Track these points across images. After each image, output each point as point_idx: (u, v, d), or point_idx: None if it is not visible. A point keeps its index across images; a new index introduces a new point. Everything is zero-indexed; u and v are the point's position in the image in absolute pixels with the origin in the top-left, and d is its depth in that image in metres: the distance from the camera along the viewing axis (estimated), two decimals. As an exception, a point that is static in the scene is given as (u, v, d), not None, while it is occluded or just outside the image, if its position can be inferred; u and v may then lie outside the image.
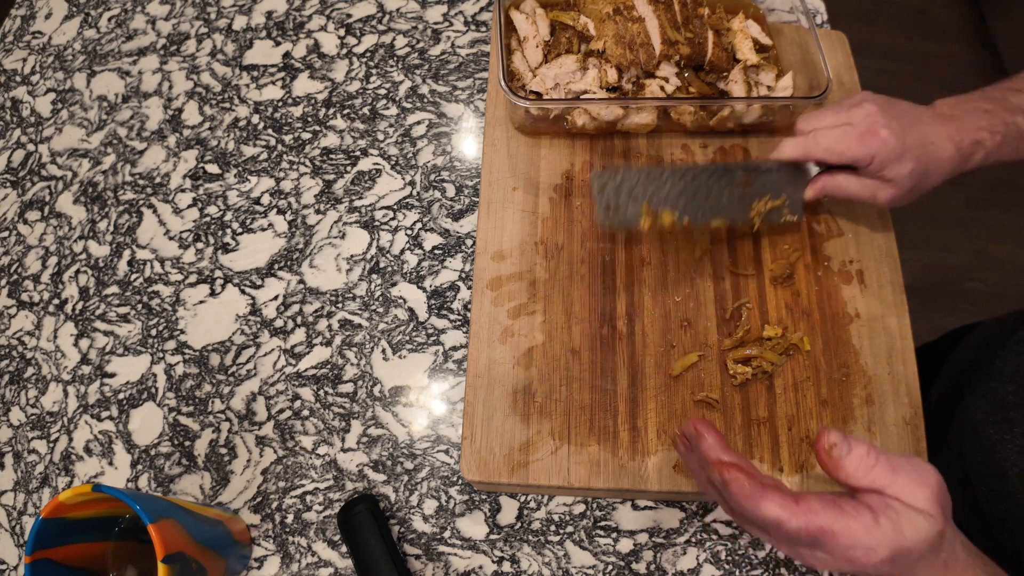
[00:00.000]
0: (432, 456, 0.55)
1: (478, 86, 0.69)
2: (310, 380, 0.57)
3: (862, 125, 0.50)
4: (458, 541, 0.52)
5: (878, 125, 0.49)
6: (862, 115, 0.50)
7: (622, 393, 0.53)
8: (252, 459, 0.55)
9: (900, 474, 0.34)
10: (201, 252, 0.62)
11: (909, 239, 0.59)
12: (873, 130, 0.49)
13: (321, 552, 0.52)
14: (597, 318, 0.55)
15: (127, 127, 0.68)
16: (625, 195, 0.52)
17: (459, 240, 0.62)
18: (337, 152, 0.66)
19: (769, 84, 0.62)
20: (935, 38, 1.93)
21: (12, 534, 0.53)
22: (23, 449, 0.56)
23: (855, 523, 0.33)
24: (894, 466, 0.34)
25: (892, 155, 0.49)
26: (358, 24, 0.73)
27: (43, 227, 0.64)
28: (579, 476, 0.50)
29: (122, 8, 0.75)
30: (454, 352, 0.58)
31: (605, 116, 0.59)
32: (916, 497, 0.33)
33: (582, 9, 0.60)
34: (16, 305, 0.61)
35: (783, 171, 0.55)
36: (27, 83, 0.72)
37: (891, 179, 0.50)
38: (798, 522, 0.32)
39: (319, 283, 0.61)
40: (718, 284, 0.56)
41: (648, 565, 0.51)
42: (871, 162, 0.50)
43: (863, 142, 0.49)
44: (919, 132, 0.50)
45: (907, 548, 0.33)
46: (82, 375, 0.58)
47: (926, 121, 0.51)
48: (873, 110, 0.50)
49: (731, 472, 0.34)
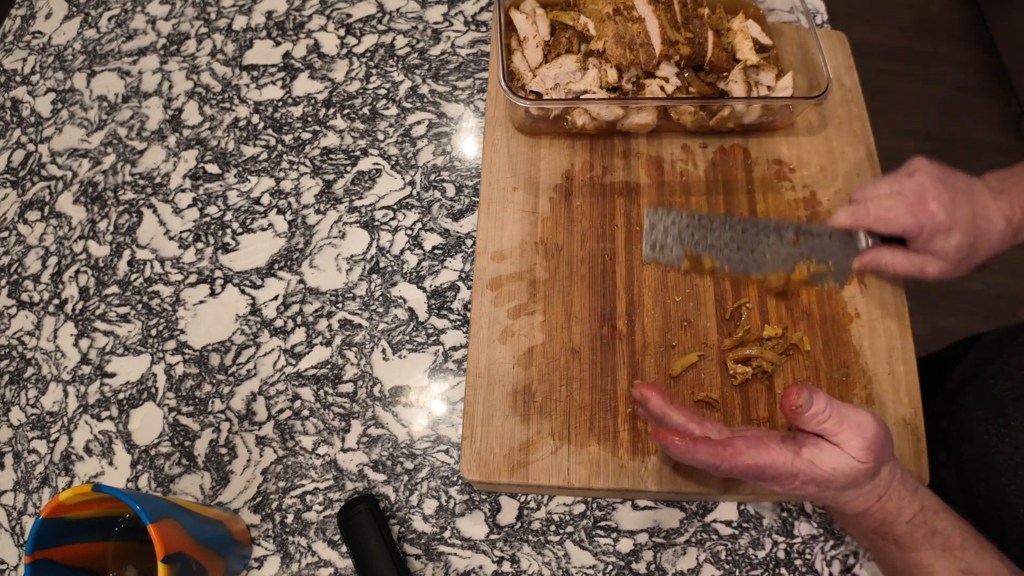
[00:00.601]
0: (432, 456, 0.55)
1: (478, 86, 0.69)
2: (310, 380, 0.57)
3: (912, 196, 0.50)
4: (458, 541, 0.52)
5: (928, 196, 0.50)
6: (913, 185, 0.51)
7: (622, 393, 0.53)
8: (252, 459, 0.55)
9: (844, 425, 0.41)
10: (201, 252, 0.62)
11: (909, 239, 0.59)
12: (923, 201, 0.50)
13: (321, 552, 0.52)
14: (597, 318, 0.55)
15: (127, 127, 0.68)
16: (673, 237, 0.56)
17: (459, 240, 0.62)
18: (337, 152, 0.66)
19: (769, 84, 0.62)
20: (935, 38, 1.93)
21: (12, 534, 0.53)
22: (23, 449, 0.56)
23: (777, 457, 0.41)
24: (841, 419, 0.41)
25: (940, 227, 0.49)
26: (358, 24, 0.73)
27: (43, 227, 0.65)
28: (579, 476, 0.50)
29: (122, 8, 0.75)
30: (454, 352, 0.58)
31: (605, 116, 0.59)
32: (852, 445, 0.41)
33: (582, 9, 0.60)
34: (16, 305, 0.61)
35: (834, 237, 0.56)
36: (27, 83, 0.72)
37: (938, 252, 0.51)
38: (728, 464, 0.41)
39: (319, 283, 0.61)
40: (718, 284, 0.56)
41: (648, 565, 0.51)
42: (920, 233, 0.50)
43: (912, 213, 0.50)
44: (969, 205, 0.50)
45: (825, 478, 0.41)
46: (82, 375, 0.58)
47: (977, 194, 0.51)
48: (925, 181, 0.50)
49: (665, 437, 0.42)
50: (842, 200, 0.60)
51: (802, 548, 0.52)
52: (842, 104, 0.65)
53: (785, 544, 0.52)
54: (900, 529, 0.42)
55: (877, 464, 0.41)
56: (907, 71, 1.86)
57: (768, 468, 0.41)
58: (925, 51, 1.90)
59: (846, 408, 0.41)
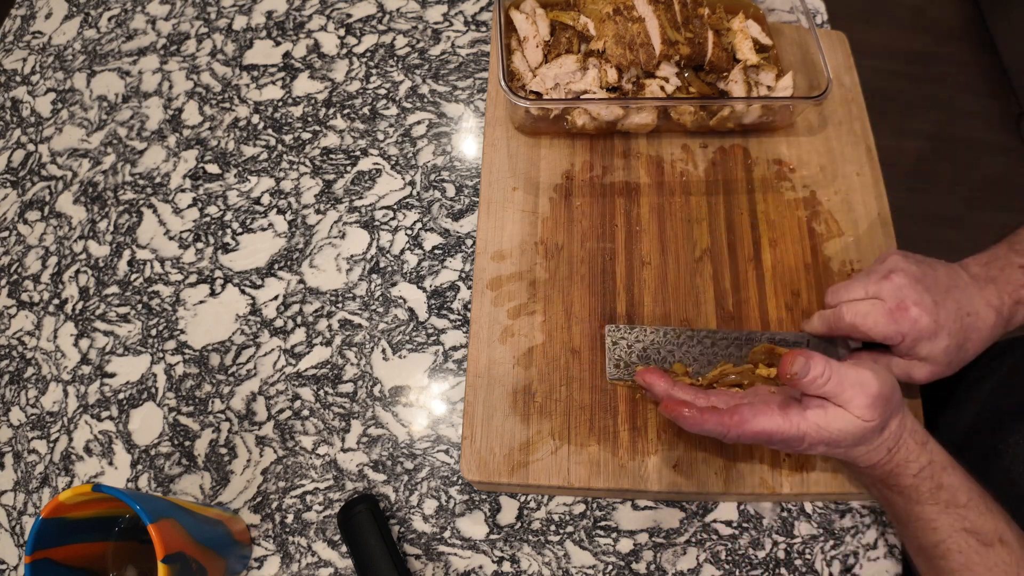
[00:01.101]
0: (432, 456, 0.55)
1: (478, 86, 0.69)
2: (310, 380, 0.57)
3: (891, 301, 0.46)
4: (458, 541, 0.52)
5: (908, 301, 0.46)
6: (891, 289, 0.47)
7: (622, 393, 0.53)
8: (252, 459, 0.55)
9: (846, 386, 0.40)
10: (201, 252, 0.62)
11: (909, 240, 0.59)
12: (903, 307, 0.46)
13: (321, 552, 0.52)
14: (597, 318, 0.55)
15: (127, 127, 0.68)
16: (638, 354, 0.53)
17: (459, 240, 0.62)
18: (337, 152, 0.66)
19: (769, 84, 0.62)
20: (935, 38, 1.93)
21: (12, 534, 0.53)
22: (23, 449, 0.56)
23: (783, 423, 0.41)
24: (842, 380, 0.40)
25: (924, 333, 0.46)
26: (358, 24, 0.73)
27: (43, 227, 0.64)
28: (579, 476, 0.50)
29: (122, 8, 0.75)
30: (454, 352, 0.58)
31: (605, 116, 0.59)
32: (855, 404, 0.40)
33: (582, 9, 0.60)
34: (16, 305, 0.61)
35: (812, 344, 0.53)
36: (27, 83, 0.72)
37: (925, 357, 0.47)
38: (735, 432, 0.42)
39: (319, 283, 0.61)
40: (718, 284, 0.56)
41: (648, 565, 0.51)
42: (902, 340, 0.46)
43: (892, 320, 0.46)
44: (954, 303, 0.46)
45: (832, 439, 0.41)
46: (82, 375, 0.58)
47: (961, 289, 0.47)
48: (903, 283, 0.46)
49: (675, 409, 0.43)
50: (841, 201, 0.60)
51: (802, 548, 0.52)
52: (842, 104, 0.65)
53: (785, 544, 0.52)
54: (906, 482, 0.42)
55: (883, 420, 0.41)
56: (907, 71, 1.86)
57: (775, 433, 0.41)
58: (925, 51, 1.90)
59: (846, 368, 0.41)
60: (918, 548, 0.44)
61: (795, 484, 0.50)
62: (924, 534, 0.42)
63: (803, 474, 0.51)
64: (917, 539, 0.43)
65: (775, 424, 0.41)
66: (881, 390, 0.40)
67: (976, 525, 0.41)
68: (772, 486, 0.50)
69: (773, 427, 0.41)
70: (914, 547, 0.44)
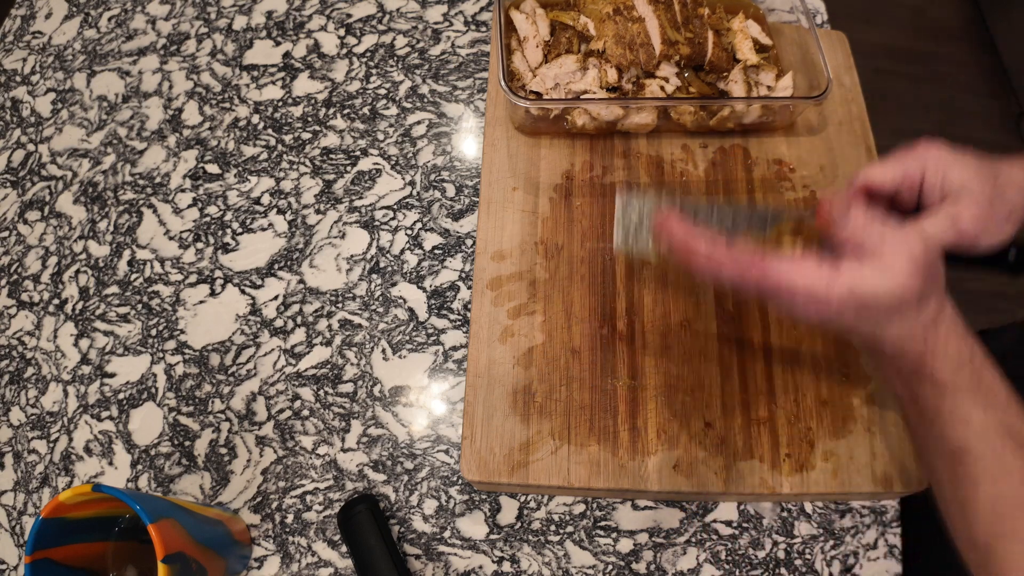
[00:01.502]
0: (432, 456, 0.55)
1: (478, 86, 0.69)
2: (310, 380, 0.57)
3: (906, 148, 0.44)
4: (458, 541, 0.52)
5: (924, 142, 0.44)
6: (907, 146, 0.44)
7: (622, 393, 0.53)
8: (252, 459, 0.55)
9: (887, 239, 0.37)
10: (201, 252, 0.62)
11: (909, 239, 0.59)
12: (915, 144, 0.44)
13: (321, 552, 0.52)
14: (597, 318, 0.55)
15: (127, 127, 0.68)
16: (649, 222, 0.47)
17: (459, 240, 0.62)
18: (337, 152, 0.66)
19: (769, 84, 0.62)
20: (935, 38, 1.93)
21: (12, 534, 0.53)
22: (23, 449, 0.56)
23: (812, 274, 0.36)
24: (883, 233, 0.37)
25: (945, 159, 0.42)
26: (358, 24, 0.73)
27: (43, 227, 0.65)
28: (579, 476, 0.50)
29: (122, 8, 0.75)
30: (454, 352, 0.58)
31: (605, 116, 0.59)
32: (897, 260, 0.36)
33: (582, 9, 0.60)
34: (16, 305, 0.61)
35: None
36: (27, 83, 0.72)
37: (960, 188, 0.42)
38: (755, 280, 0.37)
39: (319, 283, 0.61)
40: (718, 284, 0.56)
41: (648, 565, 0.51)
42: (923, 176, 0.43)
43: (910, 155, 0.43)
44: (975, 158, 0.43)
45: (864, 302, 0.36)
46: (82, 375, 0.58)
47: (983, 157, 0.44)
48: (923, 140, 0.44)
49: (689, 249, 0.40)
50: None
51: (802, 548, 0.52)
52: (842, 104, 0.65)
53: (785, 544, 0.52)
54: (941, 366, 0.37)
55: (924, 289, 0.36)
56: (907, 71, 1.86)
57: (800, 288, 0.37)
58: (925, 51, 1.90)
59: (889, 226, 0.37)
60: (941, 452, 0.39)
61: (795, 484, 0.50)
62: (954, 431, 0.37)
63: (803, 474, 0.51)
64: (943, 440, 0.38)
65: (801, 275, 0.36)
66: (926, 255, 0.36)
67: (1016, 428, 0.36)
68: (772, 486, 0.50)
69: (798, 279, 0.36)
70: (936, 451, 0.39)
